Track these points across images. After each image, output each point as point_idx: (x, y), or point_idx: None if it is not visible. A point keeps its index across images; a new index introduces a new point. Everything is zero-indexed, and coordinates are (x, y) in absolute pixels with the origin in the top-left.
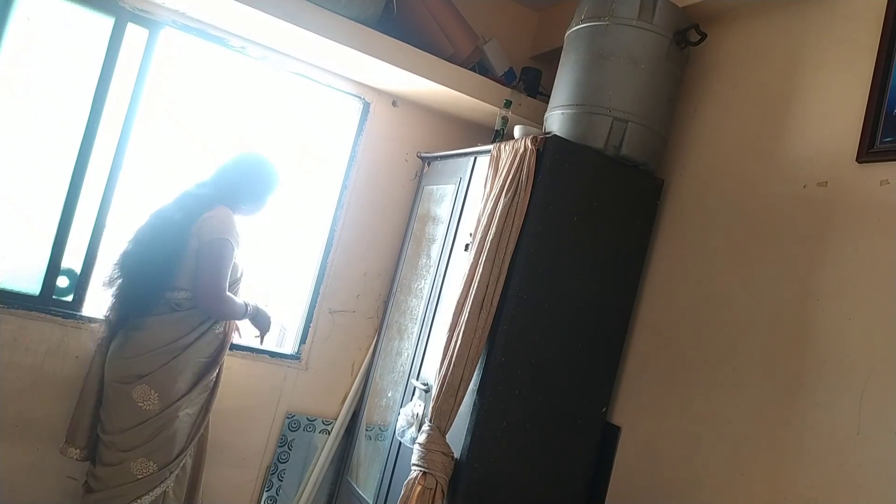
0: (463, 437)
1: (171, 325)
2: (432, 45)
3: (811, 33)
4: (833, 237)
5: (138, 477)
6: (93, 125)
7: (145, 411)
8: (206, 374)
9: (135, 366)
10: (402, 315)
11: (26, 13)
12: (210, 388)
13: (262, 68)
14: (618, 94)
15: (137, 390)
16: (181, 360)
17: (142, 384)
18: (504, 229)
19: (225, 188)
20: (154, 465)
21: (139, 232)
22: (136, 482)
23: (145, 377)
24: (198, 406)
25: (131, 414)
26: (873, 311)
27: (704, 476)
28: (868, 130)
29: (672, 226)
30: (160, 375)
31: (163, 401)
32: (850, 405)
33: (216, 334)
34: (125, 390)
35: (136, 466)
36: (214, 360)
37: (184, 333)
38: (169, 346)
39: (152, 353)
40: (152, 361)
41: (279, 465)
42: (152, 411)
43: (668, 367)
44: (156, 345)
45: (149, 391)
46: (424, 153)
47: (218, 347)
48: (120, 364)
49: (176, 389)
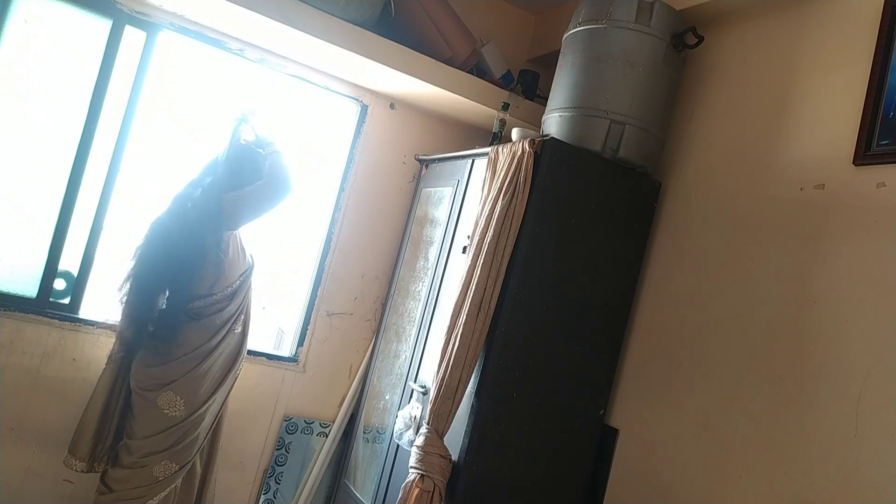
0: (461, 440)
1: (194, 333)
2: (430, 47)
3: (808, 36)
4: (830, 239)
5: (159, 479)
6: (90, 127)
7: (171, 417)
8: (227, 373)
9: (159, 374)
10: (400, 317)
11: (24, 15)
12: (231, 385)
13: (259, 71)
14: (615, 96)
15: (163, 397)
16: (205, 365)
17: (167, 391)
18: (502, 232)
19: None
20: (175, 465)
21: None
22: (157, 483)
23: (170, 384)
24: (219, 405)
25: (157, 420)
26: (870, 313)
27: (702, 478)
28: (864, 133)
29: (669, 228)
30: (185, 382)
31: (189, 406)
32: (847, 407)
33: (235, 334)
34: (151, 398)
35: (158, 469)
36: (235, 358)
37: (206, 340)
38: (192, 354)
39: (176, 362)
40: (177, 369)
41: (277, 467)
42: (178, 417)
43: (665, 370)
44: (179, 353)
45: (175, 398)
46: (422, 156)
47: (237, 346)
48: (144, 373)
49: (202, 394)
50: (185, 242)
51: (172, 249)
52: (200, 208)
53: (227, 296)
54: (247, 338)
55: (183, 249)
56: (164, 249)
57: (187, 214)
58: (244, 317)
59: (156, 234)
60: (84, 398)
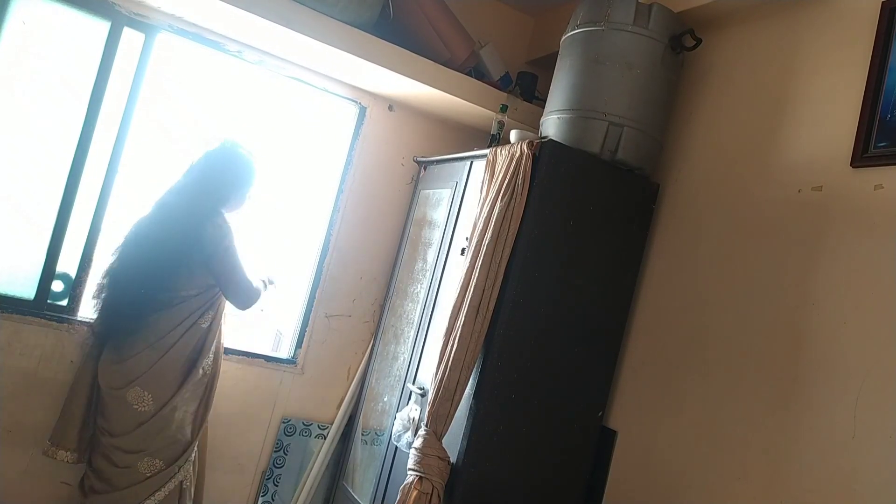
0: (459, 442)
1: (158, 322)
2: (428, 49)
3: (805, 38)
4: (828, 241)
5: (147, 476)
6: (89, 129)
7: (142, 413)
8: (193, 367)
9: (125, 370)
10: (399, 319)
11: (22, 17)
12: (206, 383)
13: (258, 72)
14: (613, 98)
15: (131, 393)
16: (167, 358)
17: (134, 387)
18: (500, 233)
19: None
20: (161, 462)
21: (125, 249)
22: (146, 481)
23: (136, 380)
24: (196, 401)
25: (129, 417)
26: (869, 315)
27: (700, 480)
28: (862, 135)
29: (667, 230)
30: (150, 376)
31: (157, 401)
32: (845, 409)
33: (201, 328)
34: (120, 395)
35: (143, 466)
36: (200, 352)
37: (167, 332)
38: (154, 346)
39: (139, 355)
40: (140, 364)
41: (275, 469)
42: (148, 412)
43: (663, 372)
44: (141, 346)
45: (142, 393)
46: (421, 157)
47: (201, 339)
48: (111, 370)
49: (167, 388)
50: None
51: (151, 250)
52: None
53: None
54: (218, 335)
55: (161, 250)
56: (143, 249)
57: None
58: (213, 313)
59: (136, 235)
60: None
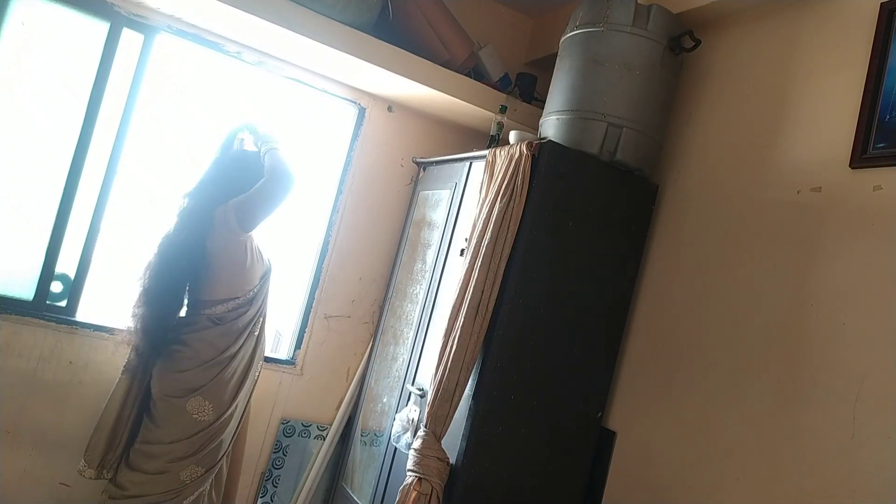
0: (458, 443)
1: (216, 339)
2: (428, 50)
3: (804, 39)
4: (827, 242)
5: (187, 483)
6: (88, 130)
7: (200, 422)
8: (247, 376)
9: (187, 380)
10: (398, 320)
11: (21, 17)
12: (251, 388)
13: (257, 73)
14: (612, 99)
15: (192, 402)
16: (229, 369)
17: (196, 396)
18: (499, 234)
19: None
20: (202, 469)
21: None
22: (185, 487)
23: (199, 390)
24: (242, 408)
25: (186, 425)
26: (868, 316)
27: (700, 481)
28: (861, 136)
29: (667, 231)
30: (213, 387)
31: (217, 410)
32: (844, 410)
33: (254, 337)
34: (179, 403)
35: (185, 473)
36: (251, 360)
37: (229, 345)
38: (217, 359)
39: (203, 367)
40: (204, 375)
41: (274, 470)
42: (207, 421)
43: (663, 373)
44: (205, 359)
45: (203, 402)
46: (420, 158)
47: (254, 347)
48: (171, 378)
49: (227, 398)
50: (192, 252)
51: (182, 261)
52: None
53: (248, 300)
54: (264, 340)
55: (191, 259)
56: (173, 261)
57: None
58: (262, 319)
59: (164, 248)
60: (81, 401)
